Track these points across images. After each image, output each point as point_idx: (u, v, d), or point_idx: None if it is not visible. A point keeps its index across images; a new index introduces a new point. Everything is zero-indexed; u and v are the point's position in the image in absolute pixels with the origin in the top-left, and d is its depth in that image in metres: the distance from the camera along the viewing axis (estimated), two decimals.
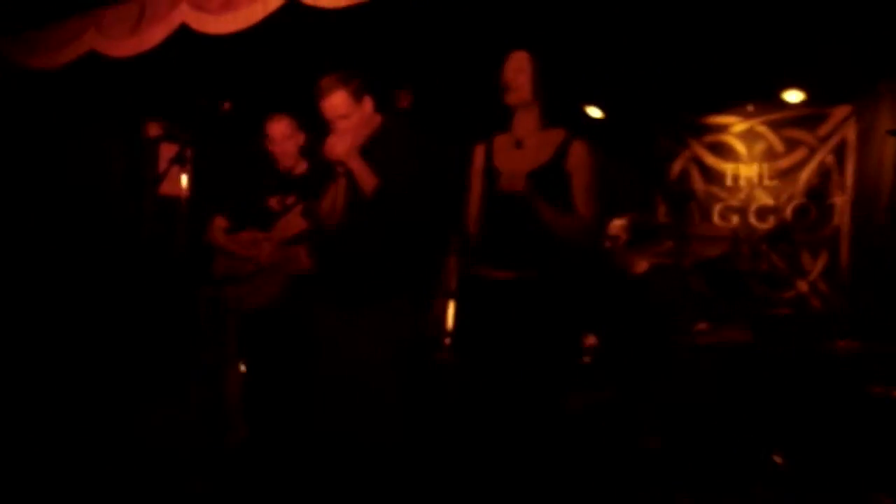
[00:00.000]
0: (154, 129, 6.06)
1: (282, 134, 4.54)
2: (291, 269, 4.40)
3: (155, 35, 4.62)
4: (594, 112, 6.29)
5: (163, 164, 4.29)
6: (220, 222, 4.63)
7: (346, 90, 3.73)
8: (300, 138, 4.58)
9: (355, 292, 3.77)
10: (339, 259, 3.85)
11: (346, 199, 3.77)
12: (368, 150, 3.76)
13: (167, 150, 5.03)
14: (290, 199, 4.55)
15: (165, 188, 5.25)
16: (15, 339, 5.26)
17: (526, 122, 3.62)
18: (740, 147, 6.28)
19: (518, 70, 3.58)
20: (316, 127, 4.05)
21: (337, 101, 3.73)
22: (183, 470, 4.21)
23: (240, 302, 4.51)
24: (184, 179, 3.96)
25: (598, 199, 3.54)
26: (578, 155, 3.53)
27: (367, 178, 3.70)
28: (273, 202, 4.58)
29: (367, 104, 3.82)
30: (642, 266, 4.83)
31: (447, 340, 3.43)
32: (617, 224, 4.93)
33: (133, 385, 5.23)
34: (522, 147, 3.62)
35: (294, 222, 4.49)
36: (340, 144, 3.69)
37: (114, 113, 6.10)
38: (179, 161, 3.96)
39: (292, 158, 4.59)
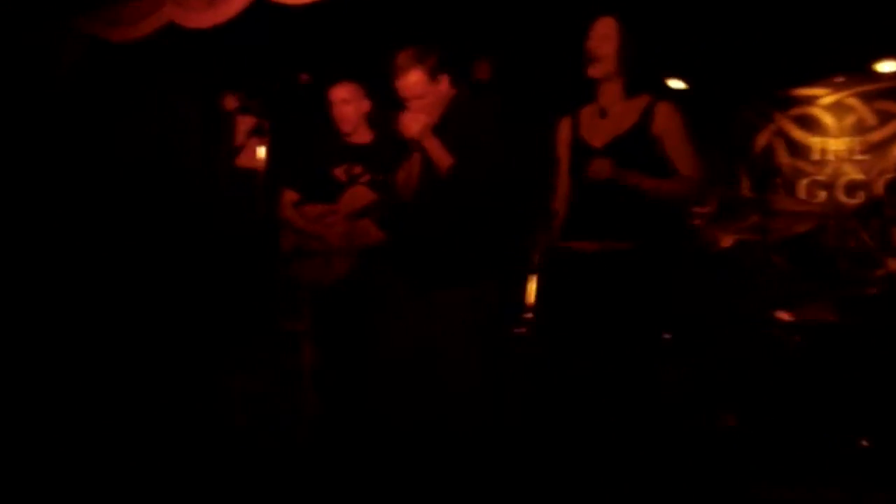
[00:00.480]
0: (231, 102, 6.07)
1: (341, 97, 4.47)
2: (361, 243, 4.35)
3: (232, 6, 4.61)
4: (677, 84, 6.14)
5: (240, 137, 4.29)
6: (289, 196, 4.59)
7: (422, 68, 3.66)
8: (364, 105, 4.51)
9: (431, 272, 3.73)
10: (414, 239, 3.80)
11: (420, 176, 3.73)
12: (442, 127, 3.71)
13: (244, 123, 5.02)
14: (357, 170, 4.49)
15: (243, 160, 5.27)
16: (98, 308, 5.34)
17: (610, 93, 3.55)
18: (828, 120, 6.11)
19: (604, 37, 3.48)
20: (385, 97, 4.00)
21: (413, 81, 3.66)
22: (261, 440, 4.24)
23: (310, 277, 4.49)
24: (261, 152, 3.95)
25: (699, 157, 3.43)
26: (666, 115, 3.44)
27: (442, 157, 3.65)
28: (339, 172, 4.52)
29: (444, 83, 3.74)
30: (727, 241, 4.71)
31: (528, 315, 3.37)
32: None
33: (213, 356, 5.28)
34: (607, 116, 3.53)
35: (361, 194, 4.44)
36: (415, 123, 3.64)
37: (191, 85, 6.13)
38: (258, 133, 3.96)
39: (351, 124, 4.51)
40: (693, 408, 4.17)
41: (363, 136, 4.55)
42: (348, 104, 4.48)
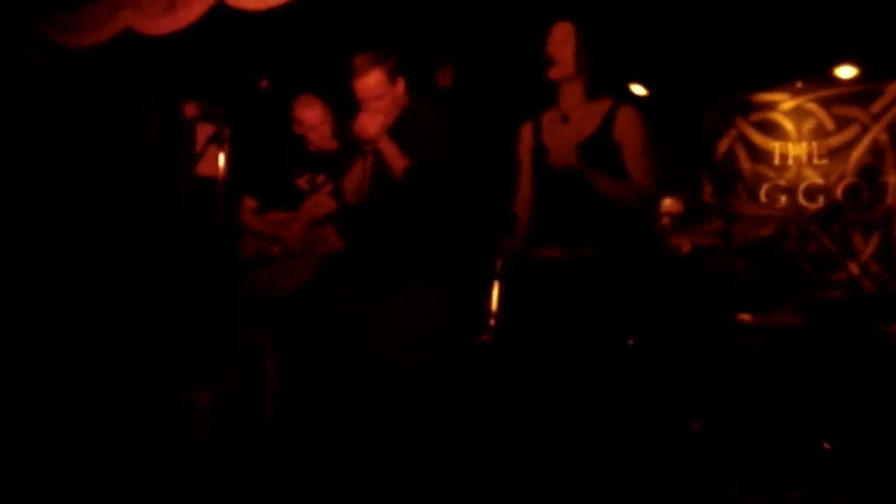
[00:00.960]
0: (191, 109, 6.02)
1: (316, 119, 4.49)
2: (321, 250, 4.33)
3: (191, 12, 4.56)
4: (638, 89, 6.16)
5: (200, 145, 4.24)
6: (249, 203, 4.58)
7: (381, 69, 3.65)
8: (330, 119, 4.53)
9: (386, 275, 3.72)
10: (369, 240, 3.79)
11: (372, 178, 3.71)
12: (397, 129, 3.70)
13: (204, 131, 4.98)
14: (320, 179, 4.50)
15: (202, 168, 5.22)
16: (51, 322, 5.26)
17: (571, 97, 3.53)
18: (789, 125, 6.14)
19: (562, 42, 3.48)
20: (344, 105, 3.98)
21: (371, 82, 3.65)
22: (222, 452, 4.20)
23: (270, 285, 4.46)
24: (221, 159, 3.90)
25: (654, 165, 3.43)
26: (627, 120, 3.43)
27: (396, 159, 3.64)
28: (302, 182, 4.52)
29: (401, 84, 3.74)
30: (688, 246, 4.73)
31: (491, 322, 3.36)
32: (664, 203, 4.83)
33: (172, 367, 5.22)
34: (569, 121, 3.52)
35: (322, 202, 4.43)
36: (372, 124, 3.63)
37: (151, 93, 6.07)
38: (217, 140, 3.91)
39: (328, 141, 4.54)
40: (659, 413, 4.17)
41: (327, 145, 4.54)
42: (323, 123, 4.51)
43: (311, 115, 4.50)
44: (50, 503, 3.66)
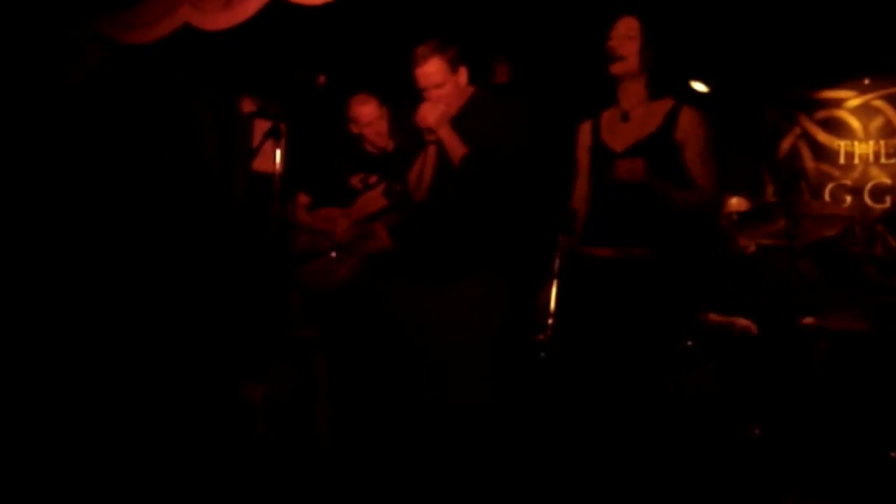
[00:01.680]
0: (248, 105, 6.06)
1: (371, 115, 4.52)
2: (370, 247, 4.34)
3: (248, 7, 4.58)
4: (699, 86, 6.05)
5: (257, 141, 4.26)
6: (302, 199, 4.61)
7: (441, 58, 3.66)
8: (386, 118, 4.53)
9: (441, 267, 3.70)
10: (425, 233, 3.78)
11: (434, 171, 3.70)
12: (459, 120, 3.69)
13: (261, 127, 5.00)
14: (373, 179, 4.53)
15: (259, 164, 5.24)
16: (109, 320, 5.32)
17: (632, 94, 3.48)
18: (855, 123, 6.00)
19: (626, 37, 3.44)
20: (402, 103, 3.98)
21: (432, 69, 3.67)
22: (276, 449, 4.21)
23: (320, 280, 4.46)
24: (277, 155, 3.90)
25: (717, 169, 3.36)
26: (689, 122, 3.38)
27: (455, 147, 3.64)
28: (355, 181, 4.54)
29: (463, 74, 3.75)
30: (752, 246, 4.63)
31: (549, 321, 3.32)
32: (730, 202, 4.75)
33: (228, 365, 5.25)
34: (629, 119, 3.47)
35: (374, 199, 4.44)
36: (433, 113, 3.64)
37: (208, 88, 6.11)
38: (274, 136, 3.91)
39: (384, 138, 4.56)
40: (717, 417, 4.09)
41: (383, 143, 4.54)
42: (379, 120, 4.54)
43: (367, 112, 4.51)
44: (105, 496, 3.70)
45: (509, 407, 3.68)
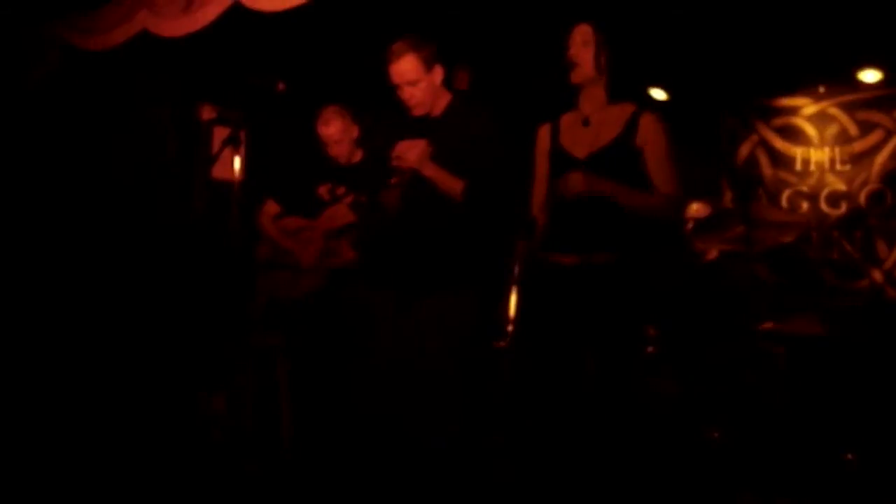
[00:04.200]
0: (207, 112, 6.01)
1: (337, 134, 4.48)
2: (334, 262, 4.31)
3: (207, 14, 4.54)
4: (658, 94, 6.10)
5: (216, 148, 4.23)
6: (270, 207, 4.58)
7: (416, 55, 3.63)
8: (354, 131, 4.50)
9: (410, 280, 3.68)
10: (397, 249, 3.74)
11: (406, 191, 3.67)
12: (437, 127, 3.66)
13: (220, 134, 4.97)
14: (341, 190, 4.50)
15: (218, 172, 5.20)
16: (64, 325, 5.25)
17: (592, 100, 3.49)
18: (811, 130, 6.08)
19: (582, 44, 3.44)
20: (365, 111, 3.95)
21: (406, 67, 3.63)
22: (239, 456, 4.18)
23: (283, 289, 4.44)
24: (237, 162, 3.87)
25: (678, 173, 3.38)
26: (649, 128, 3.38)
27: (449, 182, 3.58)
28: (323, 191, 4.51)
29: (438, 73, 3.71)
30: (712, 253, 4.66)
31: (509, 328, 3.32)
32: (691, 208, 4.78)
33: (187, 372, 5.20)
34: (589, 125, 3.47)
35: (341, 213, 4.42)
36: (412, 151, 3.60)
37: (166, 95, 6.07)
38: (233, 143, 3.88)
39: (350, 153, 4.54)
40: (678, 420, 4.11)
41: (353, 158, 4.52)
42: (343, 138, 4.47)
43: (332, 132, 4.48)
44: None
45: (473, 414, 3.68)
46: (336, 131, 4.48)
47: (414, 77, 3.63)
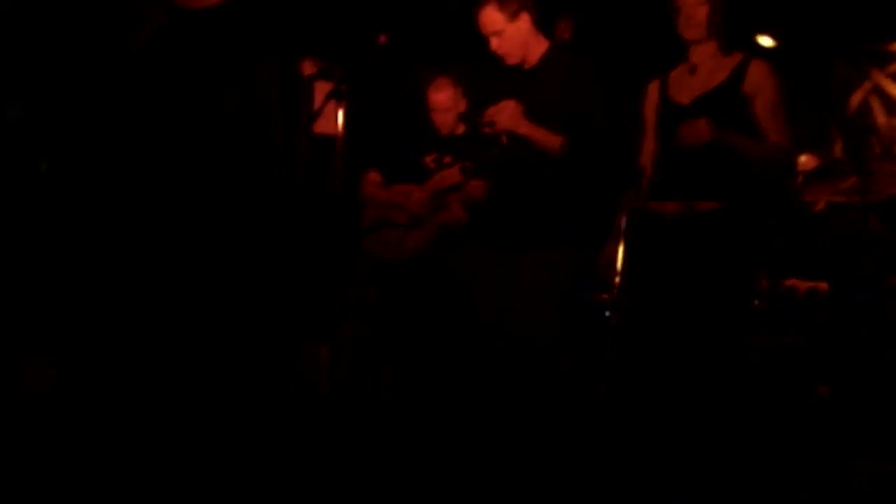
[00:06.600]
0: (309, 68, 6.05)
1: (447, 102, 4.48)
2: (443, 219, 4.31)
3: None
4: (766, 41, 5.93)
5: (318, 104, 4.25)
6: (373, 177, 4.59)
7: (498, 3, 3.54)
8: (462, 105, 4.50)
9: (515, 238, 3.65)
10: (501, 205, 3.72)
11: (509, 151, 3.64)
12: (533, 78, 3.60)
13: (322, 89, 5.01)
14: (447, 159, 4.49)
15: (321, 126, 5.24)
16: (176, 283, 5.39)
17: (702, 52, 3.43)
18: None
19: (697, 3, 3.36)
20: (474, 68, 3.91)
21: (488, 17, 3.57)
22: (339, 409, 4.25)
23: (388, 250, 4.47)
24: (340, 116, 3.90)
25: (789, 122, 3.30)
26: (759, 74, 3.32)
27: (548, 140, 3.52)
28: (429, 160, 4.51)
29: (524, 21, 3.59)
30: (822, 204, 4.55)
31: (616, 280, 3.30)
32: (799, 160, 4.66)
33: (293, 325, 5.30)
34: (696, 72, 3.42)
35: (449, 175, 4.41)
36: (503, 114, 3.54)
37: (267, 51, 6.12)
38: (336, 97, 3.90)
39: (451, 125, 4.53)
40: (785, 377, 4.04)
41: (455, 129, 4.53)
42: (450, 109, 4.46)
43: (443, 99, 4.48)
44: (171, 455, 3.76)
45: (578, 370, 3.67)
46: (446, 98, 4.48)
47: (497, 27, 3.56)
